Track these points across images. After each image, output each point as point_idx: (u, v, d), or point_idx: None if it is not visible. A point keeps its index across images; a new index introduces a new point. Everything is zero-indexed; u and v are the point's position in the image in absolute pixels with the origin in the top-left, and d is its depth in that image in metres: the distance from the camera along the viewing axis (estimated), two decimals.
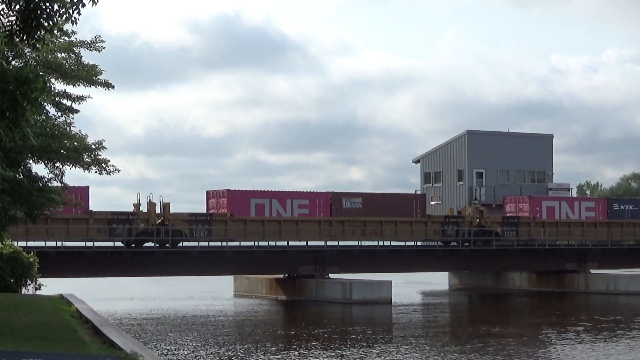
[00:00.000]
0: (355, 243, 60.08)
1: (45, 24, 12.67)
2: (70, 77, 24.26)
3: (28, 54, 21.75)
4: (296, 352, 33.32)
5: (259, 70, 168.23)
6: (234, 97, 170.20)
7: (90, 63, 24.79)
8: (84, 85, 24.77)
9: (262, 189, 57.63)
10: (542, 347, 35.86)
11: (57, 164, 25.24)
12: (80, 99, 25.10)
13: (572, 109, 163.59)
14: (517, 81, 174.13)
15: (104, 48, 24.86)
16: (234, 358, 32.05)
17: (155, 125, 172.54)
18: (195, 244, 55.70)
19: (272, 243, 57.63)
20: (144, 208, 54.35)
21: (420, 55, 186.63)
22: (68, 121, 25.02)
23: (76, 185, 48.45)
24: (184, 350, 34.07)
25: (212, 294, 64.64)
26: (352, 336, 38.55)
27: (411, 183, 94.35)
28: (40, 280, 35.82)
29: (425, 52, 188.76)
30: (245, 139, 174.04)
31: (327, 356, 32.49)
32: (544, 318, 47.75)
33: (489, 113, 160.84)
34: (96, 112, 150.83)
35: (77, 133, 25.36)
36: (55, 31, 15.51)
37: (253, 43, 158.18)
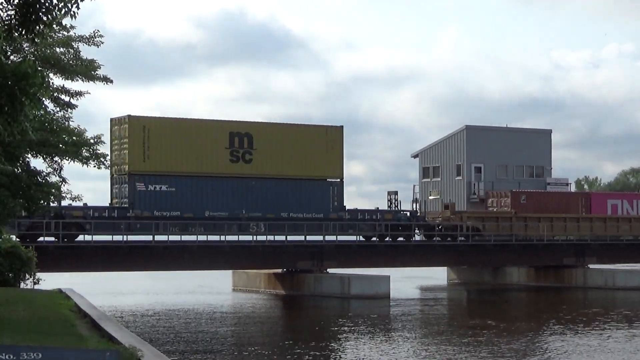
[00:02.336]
0: (353, 238, 60.22)
1: (45, 18, 12.66)
2: (69, 71, 24.26)
3: (26, 48, 21.74)
4: (293, 348, 33.34)
5: (263, 66, 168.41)
6: (238, 93, 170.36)
7: (89, 58, 24.80)
8: (82, 80, 24.78)
9: None
10: (528, 339, 35.89)
11: (56, 159, 25.24)
12: (79, 94, 25.10)
13: (575, 105, 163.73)
14: (520, 77, 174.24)
15: (102, 43, 24.88)
16: (230, 353, 32.09)
17: None
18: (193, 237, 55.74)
19: (271, 237, 57.61)
20: None
21: (423, 51, 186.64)
22: (67, 116, 25.04)
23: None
24: (181, 345, 34.09)
25: (210, 288, 64.63)
26: (351, 330, 38.58)
27: (410, 178, 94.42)
28: (39, 275, 35.80)
29: (428, 48, 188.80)
30: None
31: (326, 350, 32.53)
32: (535, 312, 47.80)
33: (491, 109, 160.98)
34: (100, 107, 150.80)
35: (75, 127, 25.37)
36: (54, 26, 15.49)
37: (257, 39, 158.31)
